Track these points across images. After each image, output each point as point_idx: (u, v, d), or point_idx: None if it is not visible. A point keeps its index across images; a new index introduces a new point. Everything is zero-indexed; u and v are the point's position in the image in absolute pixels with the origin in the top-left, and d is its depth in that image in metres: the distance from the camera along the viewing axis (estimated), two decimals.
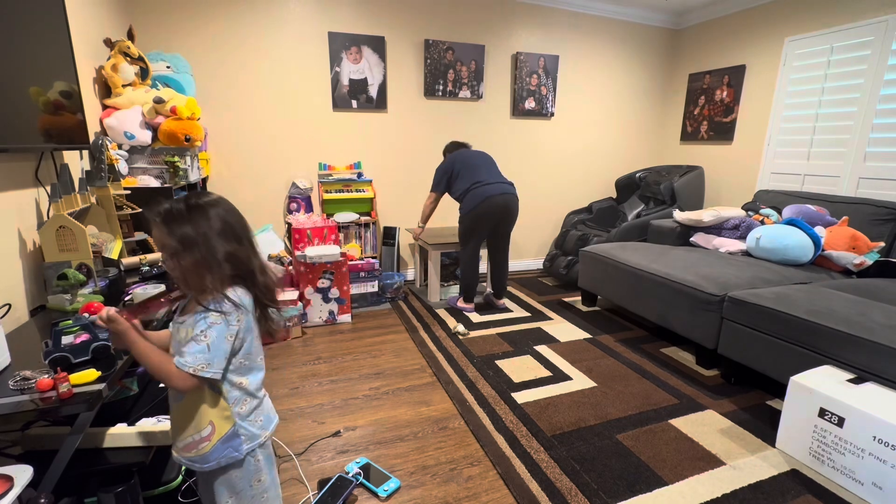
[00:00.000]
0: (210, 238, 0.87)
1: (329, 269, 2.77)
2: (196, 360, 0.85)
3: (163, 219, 0.87)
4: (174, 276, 0.89)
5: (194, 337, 0.86)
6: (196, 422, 0.92)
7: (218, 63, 2.89)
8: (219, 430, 0.92)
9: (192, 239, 0.86)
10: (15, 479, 0.78)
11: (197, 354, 0.85)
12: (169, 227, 0.86)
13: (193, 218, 0.87)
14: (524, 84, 3.67)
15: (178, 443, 0.95)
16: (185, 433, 0.93)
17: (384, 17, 3.21)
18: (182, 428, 0.93)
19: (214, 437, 0.92)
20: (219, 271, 0.89)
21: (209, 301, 0.88)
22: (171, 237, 0.86)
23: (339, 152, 3.34)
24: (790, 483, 1.50)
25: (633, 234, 3.38)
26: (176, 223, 0.86)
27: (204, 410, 0.91)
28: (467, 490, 1.47)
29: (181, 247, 0.86)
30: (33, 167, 1.52)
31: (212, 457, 0.92)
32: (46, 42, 1.49)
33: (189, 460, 0.94)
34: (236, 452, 0.94)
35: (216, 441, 0.92)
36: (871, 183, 2.80)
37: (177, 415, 0.94)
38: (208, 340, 0.86)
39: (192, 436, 0.92)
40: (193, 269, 0.87)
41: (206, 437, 0.92)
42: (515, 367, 2.28)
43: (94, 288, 1.42)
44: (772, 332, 1.90)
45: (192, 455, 0.93)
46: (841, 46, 2.90)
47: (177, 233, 0.86)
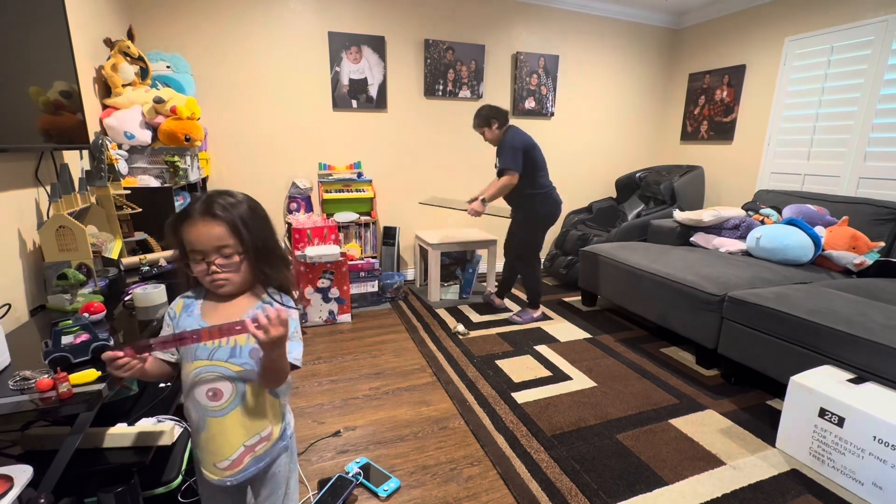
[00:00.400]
0: (269, 226, 0.91)
1: (329, 268, 2.77)
2: (300, 354, 0.88)
3: (223, 209, 0.84)
4: (225, 274, 0.84)
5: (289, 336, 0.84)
6: (255, 424, 0.90)
7: (218, 63, 2.89)
8: (276, 427, 0.94)
9: (257, 228, 0.87)
10: (15, 479, 0.78)
11: (299, 348, 0.88)
12: (233, 216, 0.84)
13: (251, 206, 0.89)
14: (524, 84, 3.67)
15: (223, 462, 0.87)
16: (236, 443, 0.88)
17: (384, 16, 3.21)
18: (231, 440, 0.88)
19: (274, 434, 0.93)
20: (281, 253, 0.91)
21: (277, 295, 0.91)
22: (237, 227, 0.84)
23: (339, 152, 3.34)
24: (790, 483, 1.50)
25: (633, 234, 3.38)
26: (238, 212, 0.85)
27: (266, 410, 0.91)
28: (467, 490, 1.47)
29: (250, 236, 0.85)
30: (33, 167, 1.52)
31: (270, 453, 0.93)
32: (46, 42, 1.49)
33: (241, 472, 0.89)
34: (285, 441, 0.97)
35: (275, 438, 0.93)
36: (871, 183, 2.80)
37: (220, 430, 0.87)
38: (299, 334, 0.90)
39: (244, 442, 0.88)
40: (258, 260, 0.87)
41: (266, 436, 0.92)
42: (515, 367, 2.28)
43: (93, 288, 1.42)
44: (772, 332, 1.90)
45: (248, 462, 0.89)
46: (841, 46, 2.90)
47: (246, 222, 0.85)
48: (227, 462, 0.88)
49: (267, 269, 0.89)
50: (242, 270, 0.87)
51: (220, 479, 0.89)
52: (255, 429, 0.90)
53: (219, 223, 0.83)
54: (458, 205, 2.96)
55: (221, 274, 0.85)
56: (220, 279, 0.85)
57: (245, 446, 0.89)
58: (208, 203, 0.85)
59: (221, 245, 0.83)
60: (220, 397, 0.86)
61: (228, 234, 0.84)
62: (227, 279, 0.86)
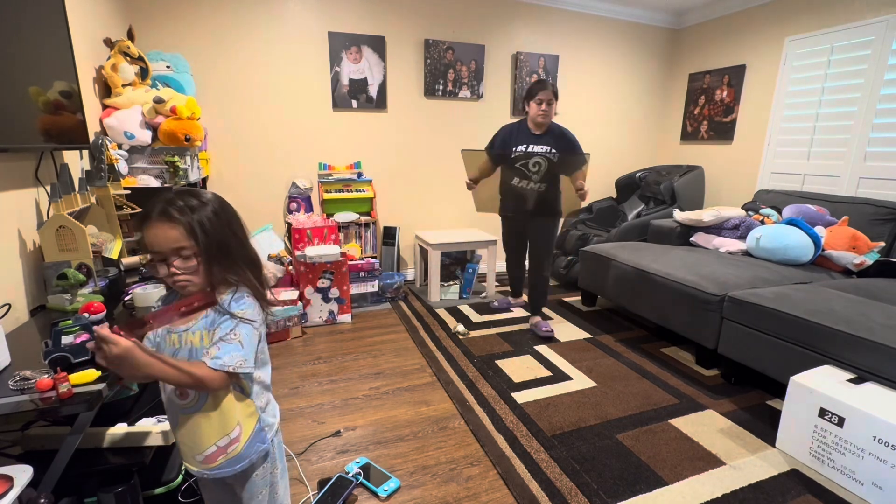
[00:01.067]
0: (233, 228, 0.88)
1: (329, 268, 2.77)
2: (233, 360, 0.82)
3: (180, 212, 0.82)
4: (186, 276, 0.83)
5: (222, 338, 0.83)
6: (222, 426, 0.88)
7: (218, 63, 2.89)
8: (246, 428, 0.91)
9: (217, 230, 0.84)
10: (15, 479, 0.78)
11: (233, 353, 0.82)
12: (190, 219, 0.82)
13: (214, 209, 0.86)
14: (524, 84, 3.66)
15: (198, 455, 0.89)
16: (207, 442, 0.88)
17: (384, 16, 3.21)
18: (203, 438, 0.88)
19: (244, 436, 0.91)
20: (241, 263, 0.88)
21: (226, 299, 0.86)
22: (193, 230, 0.82)
23: (339, 152, 3.34)
24: (790, 483, 1.50)
25: (633, 234, 3.38)
26: (197, 215, 0.83)
27: (230, 412, 0.89)
28: (467, 490, 1.47)
29: (207, 239, 0.82)
30: (33, 167, 1.52)
31: (244, 455, 0.91)
32: (46, 42, 1.49)
33: (216, 469, 0.89)
34: (265, 444, 0.94)
35: (245, 440, 0.91)
36: (871, 183, 2.80)
37: (192, 426, 0.88)
38: (239, 338, 0.84)
39: (216, 443, 0.88)
40: (218, 262, 0.85)
41: (236, 437, 0.90)
42: (515, 367, 2.28)
43: (93, 288, 1.43)
44: (772, 332, 1.90)
45: (221, 461, 0.89)
46: (841, 46, 2.90)
47: (203, 225, 0.83)
48: (201, 456, 0.89)
49: (227, 272, 0.87)
50: (202, 272, 0.84)
51: (198, 472, 0.91)
52: (224, 429, 0.89)
53: (174, 225, 0.81)
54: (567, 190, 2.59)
55: (181, 276, 0.83)
56: (180, 281, 0.84)
57: (217, 446, 0.88)
58: (165, 204, 0.83)
59: (178, 247, 0.82)
60: (186, 396, 0.87)
61: (184, 237, 0.82)
62: (189, 280, 0.84)
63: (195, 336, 0.85)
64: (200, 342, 0.85)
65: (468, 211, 3.82)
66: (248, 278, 0.89)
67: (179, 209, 0.82)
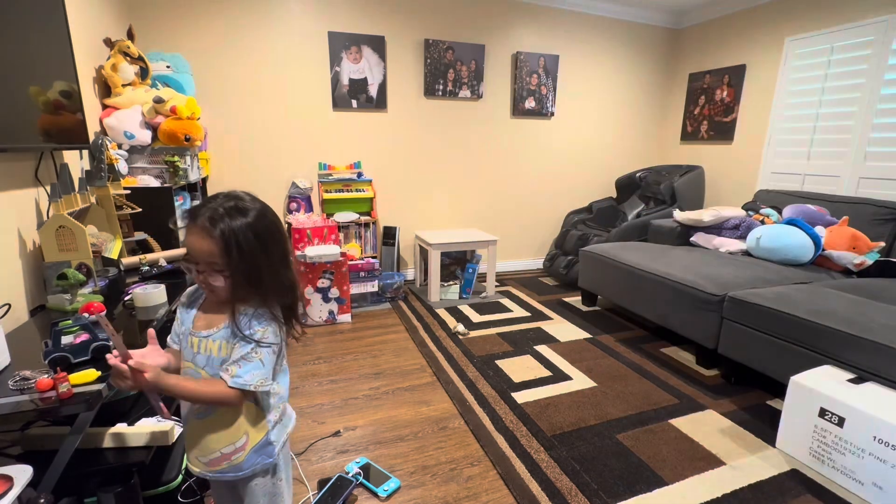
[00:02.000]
0: (270, 252, 0.85)
1: (329, 268, 2.77)
2: (254, 378, 0.82)
3: (222, 226, 0.79)
4: (215, 285, 0.82)
5: (244, 356, 0.83)
6: (230, 434, 0.88)
7: (218, 63, 2.89)
8: (252, 439, 0.91)
9: (252, 254, 0.82)
10: (15, 479, 0.78)
11: (254, 372, 0.83)
12: (228, 238, 0.80)
13: (255, 231, 0.83)
14: (524, 84, 3.66)
15: (202, 458, 0.90)
16: (213, 447, 0.88)
17: (384, 16, 3.21)
18: (210, 443, 0.88)
19: (248, 445, 0.90)
20: (270, 291, 0.86)
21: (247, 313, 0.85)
22: (228, 250, 0.80)
23: (339, 152, 3.33)
24: (790, 483, 1.50)
25: (633, 234, 3.38)
26: (237, 235, 0.80)
27: (241, 422, 0.89)
28: (467, 490, 1.47)
29: (239, 262, 0.80)
30: (33, 167, 1.52)
31: (246, 465, 0.91)
32: (46, 42, 1.49)
33: (219, 472, 0.90)
34: (270, 458, 0.93)
35: (250, 449, 0.90)
36: (871, 183, 2.80)
37: (201, 430, 0.88)
38: (260, 357, 0.84)
39: (221, 449, 0.88)
40: (244, 288, 0.83)
41: (241, 447, 0.89)
42: (515, 367, 2.28)
43: (93, 288, 1.43)
44: (772, 332, 1.90)
45: (224, 467, 0.89)
46: (841, 46, 2.89)
47: (240, 247, 0.80)
48: (206, 459, 0.89)
49: (252, 297, 0.85)
50: (227, 288, 0.83)
51: (200, 472, 0.91)
52: (231, 437, 0.88)
53: (212, 240, 0.80)
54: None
55: (207, 286, 0.84)
56: (206, 288, 0.85)
57: (221, 453, 0.89)
58: (212, 214, 0.81)
59: (211, 261, 0.81)
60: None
61: (218, 254, 0.80)
62: (213, 291, 0.84)
63: (215, 344, 0.86)
64: (219, 352, 0.85)
65: (468, 211, 3.83)
66: (272, 305, 0.88)
67: (222, 223, 0.80)
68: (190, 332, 0.88)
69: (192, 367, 0.87)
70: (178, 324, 0.92)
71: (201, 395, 0.83)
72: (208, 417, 0.88)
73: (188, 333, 0.88)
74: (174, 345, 0.93)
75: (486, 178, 3.81)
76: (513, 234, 4.02)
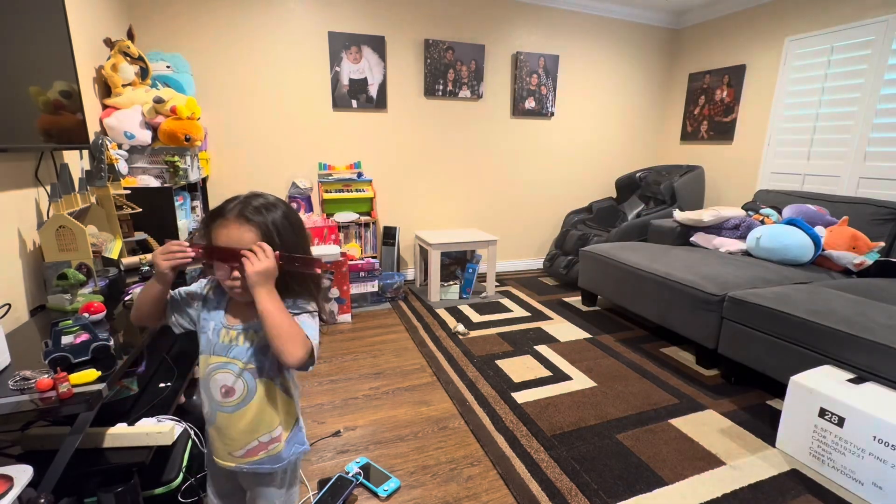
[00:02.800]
0: (303, 235, 0.88)
1: (329, 268, 2.77)
2: (315, 338, 0.82)
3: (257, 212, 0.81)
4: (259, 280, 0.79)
5: (300, 318, 0.83)
6: (266, 423, 0.89)
7: (218, 63, 2.89)
8: (287, 428, 0.92)
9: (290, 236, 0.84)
10: (15, 479, 0.78)
11: (313, 332, 0.83)
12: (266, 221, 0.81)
13: (285, 213, 0.85)
14: (524, 84, 3.66)
15: (237, 451, 0.88)
16: (247, 438, 0.88)
17: (384, 16, 3.21)
18: (245, 434, 0.88)
19: (284, 435, 0.91)
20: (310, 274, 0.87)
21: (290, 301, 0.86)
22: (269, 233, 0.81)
23: (339, 152, 3.33)
24: (790, 483, 1.50)
25: (633, 234, 3.38)
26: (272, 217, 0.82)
27: (276, 408, 0.89)
28: (467, 490, 1.47)
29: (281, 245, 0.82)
30: (33, 167, 1.52)
31: (285, 455, 0.91)
32: (46, 42, 1.49)
33: (255, 463, 0.89)
34: (304, 446, 0.95)
35: (286, 439, 0.92)
36: (871, 183, 2.80)
37: (233, 423, 0.87)
38: (311, 320, 0.85)
39: (258, 438, 0.88)
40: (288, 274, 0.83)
41: (277, 436, 0.90)
42: (515, 366, 2.28)
43: (93, 288, 1.42)
44: (772, 332, 1.90)
45: (261, 457, 0.89)
46: (841, 46, 2.89)
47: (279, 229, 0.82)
48: (242, 451, 0.89)
49: (293, 283, 0.85)
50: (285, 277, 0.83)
51: (236, 466, 0.90)
52: (269, 426, 0.89)
53: (250, 228, 0.80)
54: None
55: (241, 283, 0.82)
56: (239, 287, 0.82)
57: (259, 441, 0.89)
58: (243, 205, 0.82)
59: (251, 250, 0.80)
60: (232, 395, 0.87)
61: (259, 240, 0.81)
62: (241, 285, 0.82)
63: (258, 335, 0.85)
64: (262, 341, 0.85)
65: (468, 211, 3.83)
66: (311, 290, 0.89)
67: (256, 210, 0.82)
68: (224, 326, 0.87)
69: (225, 360, 0.86)
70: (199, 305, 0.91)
71: (287, 319, 0.79)
72: (240, 410, 0.87)
73: (219, 329, 0.87)
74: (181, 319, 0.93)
75: (486, 178, 3.82)
76: (513, 234, 4.03)
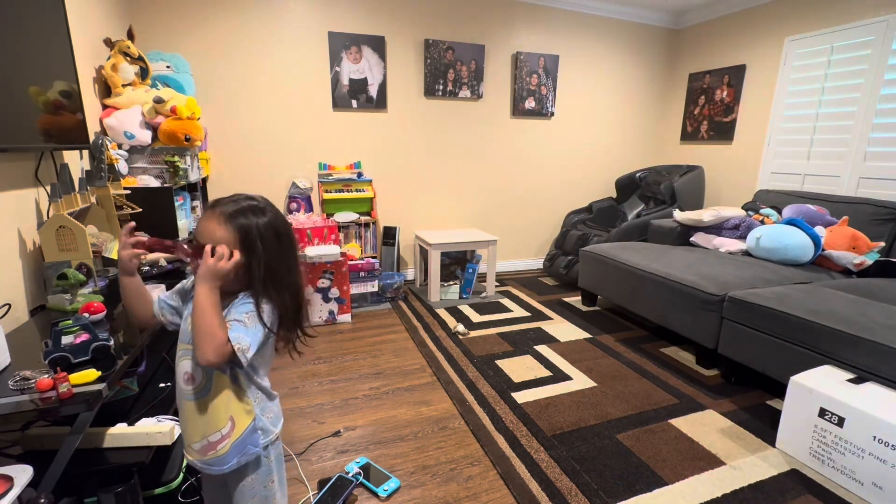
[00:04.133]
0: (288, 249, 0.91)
1: (329, 268, 2.77)
2: (238, 339, 0.82)
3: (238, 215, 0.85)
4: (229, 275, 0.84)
5: (236, 318, 0.85)
6: (215, 419, 0.89)
7: (218, 63, 2.89)
8: (238, 426, 0.91)
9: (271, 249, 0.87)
10: (15, 479, 0.78)
11: (240, 333, 0.83)
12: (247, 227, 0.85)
13: (272, 223, 0.89)
14: (524, 84, 3.66)
15: (194, 444, 0.90)
16: (201, 433, 0.89)
17: (384, 16, 3.21)
18: (199, 427, 0.89)
19: (234, 433, 0.90)
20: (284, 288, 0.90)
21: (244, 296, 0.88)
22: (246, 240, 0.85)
23: (339, 152, 3.33)
24: (790, 483, 1.50)
25: (633, 234, 3.38)
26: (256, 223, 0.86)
27: (225, 406, 0.89)
28: (467, 490, 1.47)
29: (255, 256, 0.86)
30: (33, 167, 1.52)
31: (230, 457, 0.90)
32: (46, 42, 1.49)
33: (205, 464, 0.91)
34: (256, 448, 0.93)
35: (236, 438, 0.90)
36: (871, 183, 2.80)
37: (192, 413, 0.89)
38: (250, 324, 0.86)
39: (209, 436, 0.89)
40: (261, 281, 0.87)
41: (226, 434, 0.90)
42: (515, 366, 2.28)
43: (93, 288, 1.43)
44: (772, 332, 1.90)
45: (210, 458, 0.90)
46: (841, 46, 2.89)
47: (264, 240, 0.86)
48: (197, 446, 0.90)
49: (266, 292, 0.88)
50: (236, 281, 0.87)
51: (192, 461, 0.93)
52: (216, 424, 0.89)
53: (225, 227, 0.85)
54: None
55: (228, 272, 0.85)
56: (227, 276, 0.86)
57: (208, 441, 0.89)
58: (231, 204, 0.87)
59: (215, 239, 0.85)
60: (192, 382, 0.89)
61: (233, 243, 0.85)
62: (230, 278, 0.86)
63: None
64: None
65: (468, 211, 3.83)
66: (285, 304, 0.91)
67: (240, 212, 0.86)
68: (190, 314, 0.88)
69: (187, 347, 0.89)
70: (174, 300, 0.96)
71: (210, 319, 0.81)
72: (199, 399, 0.89)
73: (187, 317, 0.90)
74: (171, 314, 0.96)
75: (486, 177, 3.82)
76: (513, 234, 4.03)
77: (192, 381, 0.89)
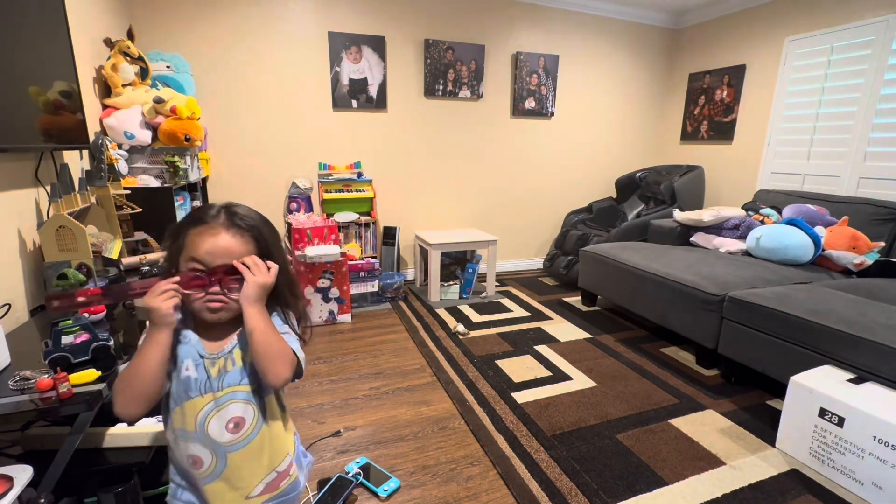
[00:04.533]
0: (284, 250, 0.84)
1: (329, 268, 2.77)
2: (297, 349, 0.77)
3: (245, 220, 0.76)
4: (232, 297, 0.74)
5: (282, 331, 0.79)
6: (280, 445, 0.84)
7: (218, 63, 2.89)
8: (293, 449, 0.88)
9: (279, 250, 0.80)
10: (15, 479, 0.78)
11: (293, 342, 0.77)
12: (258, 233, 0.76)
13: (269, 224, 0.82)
14: (524, 84, 3.66)
15: (254, 490, 0.79)
16: (266, 467, 0.81)
17: (384, 16, 3.21)
18: (261, 466, 0.80)
19: (292, 456, 0.87)
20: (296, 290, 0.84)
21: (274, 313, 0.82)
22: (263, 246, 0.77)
23: (339, 152, 3.33)
24: (790, 483, 1.50)
25: (633, 234, 3.38)
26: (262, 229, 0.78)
27: (281, 426, 0.84)
28: (467, 490, 1.47)
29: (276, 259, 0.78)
30: (33, 167, 1.52)
31: (301, 476, 0.88)
32: (46, 42, 1.49)
33: (279, 496, 0.82)
34: (307, 458, 0.92)
35: (294, 457, 0.88)
36: (871, 183, 2.80)
37: (248, 458, 0.78)
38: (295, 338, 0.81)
39: (277, 466, 0.82)
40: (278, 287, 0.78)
41: (291, 462, 0.85)
42: (515, 366, 2.28)
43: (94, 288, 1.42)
44: (772, 332, 1.90)
45: (284, 487, 0.83)
46: (841, 46, 2.89)
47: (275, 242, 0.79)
48: (262, 486, 0.81)
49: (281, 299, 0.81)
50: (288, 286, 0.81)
51: None
52: (282, 453, 0.84)
53: (243, 238, 0.73)
54: None
55: (226, 297, 0.73)
56: (218, 304, 0.74)
57: (277, 472, 0.82)
58: (230, 212, 0.74)
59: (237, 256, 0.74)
60: (243, 426, 0.78)
61: (253, 251, 0.75)
62: (228, 305, 0.75)
63: (242, 352, 0.78)
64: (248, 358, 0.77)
65: (468, 211, 3.83)
66: (298, 309, 0.85)
67: (244, 218, 0.75)
68: (206, 357, 0.76)
69: (223, 393, 0.76)
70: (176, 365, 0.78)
71: (276, 337, 0.73)
72: (253, 440, 0.79)
73: (200, 363, 0.76)
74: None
75: (486, 178, 3.82)
76: (513, 234, 4.03)
77: (241, 425, 0.77)
